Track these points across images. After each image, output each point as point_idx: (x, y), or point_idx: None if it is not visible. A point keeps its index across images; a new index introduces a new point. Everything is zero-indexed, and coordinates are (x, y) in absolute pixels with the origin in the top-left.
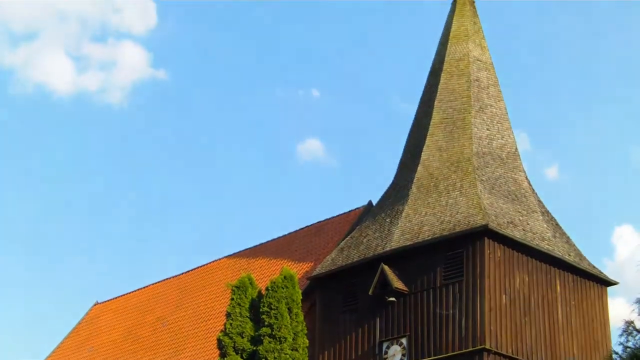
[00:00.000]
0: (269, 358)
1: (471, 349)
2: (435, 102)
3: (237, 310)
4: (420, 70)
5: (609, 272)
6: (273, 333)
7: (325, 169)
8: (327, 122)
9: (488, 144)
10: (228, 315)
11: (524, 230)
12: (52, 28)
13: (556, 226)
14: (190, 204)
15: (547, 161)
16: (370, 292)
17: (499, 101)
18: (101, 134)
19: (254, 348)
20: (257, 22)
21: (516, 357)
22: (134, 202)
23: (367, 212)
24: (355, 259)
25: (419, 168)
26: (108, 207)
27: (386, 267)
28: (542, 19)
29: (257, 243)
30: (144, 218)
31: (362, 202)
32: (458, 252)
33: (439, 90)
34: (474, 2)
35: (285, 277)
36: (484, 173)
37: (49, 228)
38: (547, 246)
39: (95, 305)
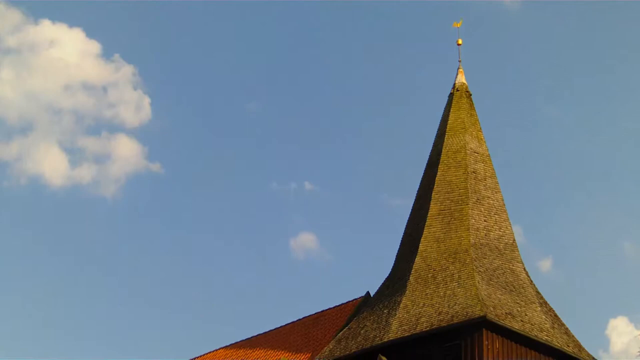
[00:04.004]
0: None
1: None
2: (433, 193)
3: None
4: (415, 162)
5: None
6: None
7: (320, 262)
8: (321, 216)
9: (485, 235)
10: None
11: (522, 321)
12: (47, 121)
13: (555, 317)
14: (186, 297)
15: (540, 254)
16: None
17: (496, 193)
18: (95, 226)
19: None
20: (251, 117)
21: None
22: (129, 295)
23: (365, 303)
24: (353, 350)
25: (417, 259)
26: (102, 298)
27: (384, 358)
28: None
29: (255, 334)
30: (139, 310)
31: (359, 293)
32: (456, 344)
33: (436, 181)
34: (470, 94)
35: None
36: (481, 264)
37: (43, 316)
38: (545, 337)
39: None
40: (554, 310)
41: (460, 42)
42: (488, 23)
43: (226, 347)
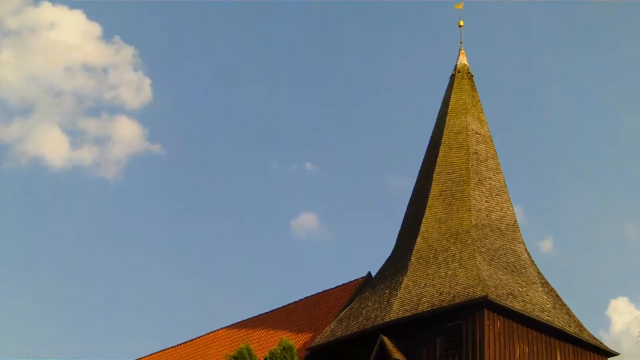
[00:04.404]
0: None
1: None
2: (434, 174)
3: None
4: (416, 144)
5: (605, 344)
6: None
7: (321, 242)
8: (322, 196)
9: (487, 216)
10: None
11: (523, 301)
12: (47, 103)
13: (556, 297)
14: (187, 278)
15: (541, 234)
16: None
17: (497, 174)
18: (96, 208)
19: None
20: (252, 98)
21: None
22: (130, 275)
23: (366, 283)
24: (354, 330)
25: (418, 240)
26: (104, 278)
27: (385, 339)
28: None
29: (256, 314)
30: (141, 289)
31: (361, 274)
32: (457, 324)
33: (437, 162)
34: (472, 76)
35: (284, 348)
36: (483, 245)
37: (42, 297)
38: (547, 317)
39: None
40: (555, 291)
41: (461, 23)
42: (489, 4)
43: (228, 327)
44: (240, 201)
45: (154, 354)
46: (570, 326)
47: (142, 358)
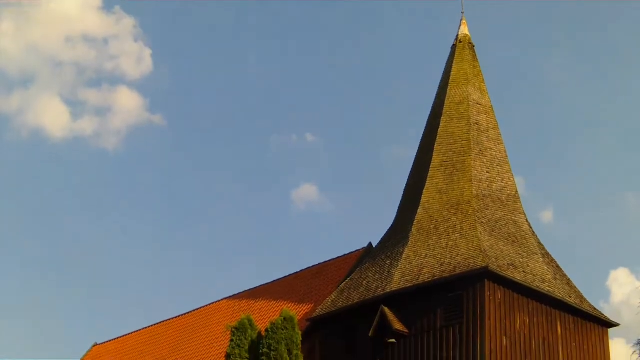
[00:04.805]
0: None
1: None
2: (435, 144)
3: (237, 351)
4: (417, 114)
5: (605, 315)
6: None
7: (322, 213)
8: (322, 167)
9: (488, 186)
10: (227, 356)
11: (524, 272)
12: (47, 74)
13: (557, 268)
14: (189, 247)
15: (542, 205)
16: (370, 334)
17: (498, 144)
18: (97, 178)
19: None
20: (252, 68)
21: None
22: (132, 245)
23: (367, 254)
24: (355, 301)
25: (419, 210)
26: (107, 249)
27: (386, 309)
28: (540, 61)
29: (257, 285)
30: (143, 260)
31: (362, 244)
32: (458, 294)
33: (438, 133)
34: (473, 46)
35: (285, 318)
36: (484, 215)
37: (47, 269)
38: (547, 288)
39: (94, 346)
40: (556, 262)
41: None
42: None
43: (229, 297)
44: (241, 172)
45: (155, 324)
46: (570, 297)
47: (143, 329)
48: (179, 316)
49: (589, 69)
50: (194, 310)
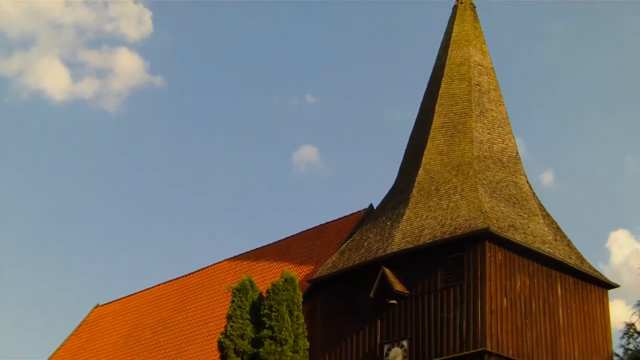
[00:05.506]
0: None
1: (472, 351)
2: (436, 106)
3: (238, 312)
4: (418, 75)
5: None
6: (274, 335)
7: (322, 175)
8: (323, 129)
9: (489, 148)
10: (229, 317)
11: (524, 233)
12: (47, 35)
13: (557, 229)
14: (189, 208)
15: (542, 166)
16: (371, 295)
17: (499, 105)
18: (97, 140)
19: (255, 350)
20: (252, 30)
21: (517, 359)
22: (133, 206)
23: (368, 216)
24: (356, 262)
25: (420, 172)
26: (107, 210)
27: (387, 270)
28: (541, 23)
29: (258, 246)
30: (144, 221)
31: (362, 206)
32: (459, 255)
33: (439, 94)
34: (475, 7)
35: (286, 279)
36: (484, 177)
37: (49, 231)
38: (548, 249)
39: (95, 307)
40: (556, 223)
41: None
42: None
43: (230, 259)
44: (241, 134)
45: (156, 285)
46: (571, 258)
47: (144, 290)
48: (181, 277)
49: (591, 30)
50: (196, 272)
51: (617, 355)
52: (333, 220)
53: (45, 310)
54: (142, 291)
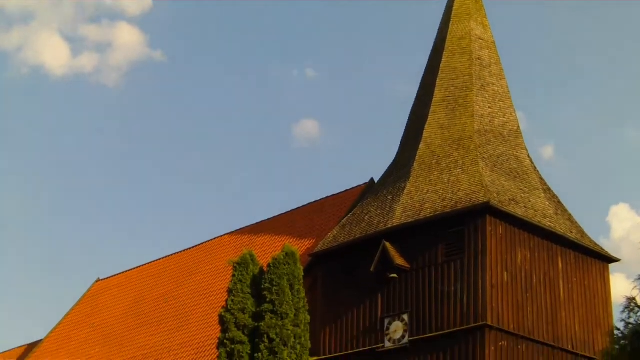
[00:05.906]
0: (270, 334)
1: (472, 325)
2: (437, 80)
3: (239, 286)
4: (419, 49)
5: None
6: (275, 309)
7: (323, 148)
8: (323, 102)
9: (490, 122)
10: (230, 291)
11: (525, 207)
12: (47, 10)
13: (558, 204)
14: (190, 182)
15: (543, 140)
16: (371, 269)
17: (500, 79)
18: (97, 114)
19: (256, 324)
20: (252, 3)
21: (517, 333)
22: (134, 181)
23: (369, 190)
24: (357, 236)
25: (421, 145)
26: (108, 185)
27: (388, 244)
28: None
29: (259, 220)
30: (145, 196)
31: (363, 180)
32: (460, 229)
33: (440, 68)
34: None
35: (287, 253)
36: (485, 151)
37: (50, 205)
38: (549, 223)
39: (97, 281)
40: (557, 197)
41: None
42: None
43: (231, 232)
44: (241, 108)
45: (158, 259)
46: (572, 232)
47: (146, 264)
48: (182, 251)
49: (594, 3)
50: (197, 246)
51: (618, 329)
52: (334, 194)
53: (46, 285)
54: (143, 265)
